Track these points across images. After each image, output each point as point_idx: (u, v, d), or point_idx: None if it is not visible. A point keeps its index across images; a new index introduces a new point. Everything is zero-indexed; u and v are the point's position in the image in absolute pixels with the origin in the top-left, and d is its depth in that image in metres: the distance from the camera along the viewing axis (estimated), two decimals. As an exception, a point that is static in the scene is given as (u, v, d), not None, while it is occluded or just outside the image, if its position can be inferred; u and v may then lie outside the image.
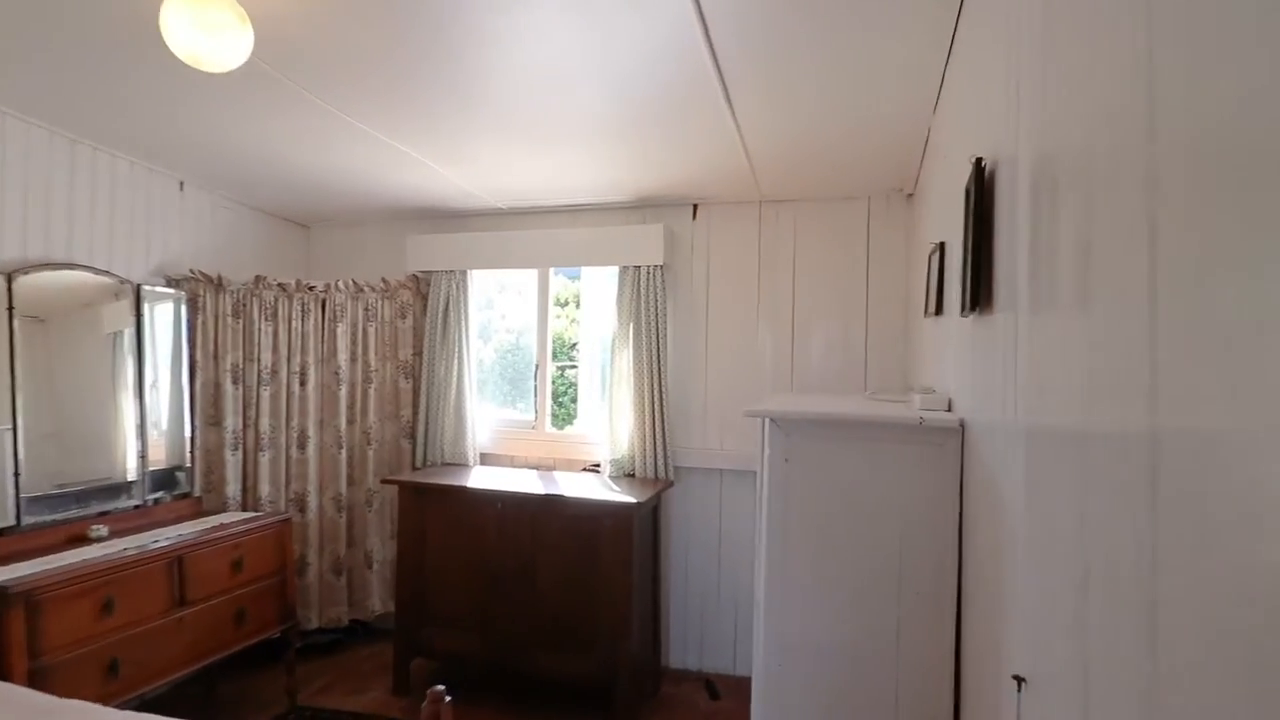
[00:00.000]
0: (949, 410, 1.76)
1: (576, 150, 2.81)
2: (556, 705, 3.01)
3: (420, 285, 3.75)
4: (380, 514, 3.64)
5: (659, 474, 3.25)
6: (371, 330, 3.64)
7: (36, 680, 2.12)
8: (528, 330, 3.86)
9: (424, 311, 3.73)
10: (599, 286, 3.80)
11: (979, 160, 1.30)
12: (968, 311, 1.39)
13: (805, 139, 2.63)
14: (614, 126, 2.57)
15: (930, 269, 2.18)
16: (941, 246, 1.99)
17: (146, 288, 3.03)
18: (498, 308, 4.04)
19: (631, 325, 3.32)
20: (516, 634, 2.92)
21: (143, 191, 3.11)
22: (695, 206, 3.44)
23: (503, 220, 3.73)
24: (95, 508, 2.77)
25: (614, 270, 3.44)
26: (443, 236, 3.66)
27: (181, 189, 3.31)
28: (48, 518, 2.60)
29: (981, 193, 1.29)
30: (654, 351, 3.27)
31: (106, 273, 2.89)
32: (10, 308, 2.52)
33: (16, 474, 2.51)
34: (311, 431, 3.48)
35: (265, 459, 3.35)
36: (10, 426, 2.50)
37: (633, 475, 3.30)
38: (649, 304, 3.29)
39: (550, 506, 2.90)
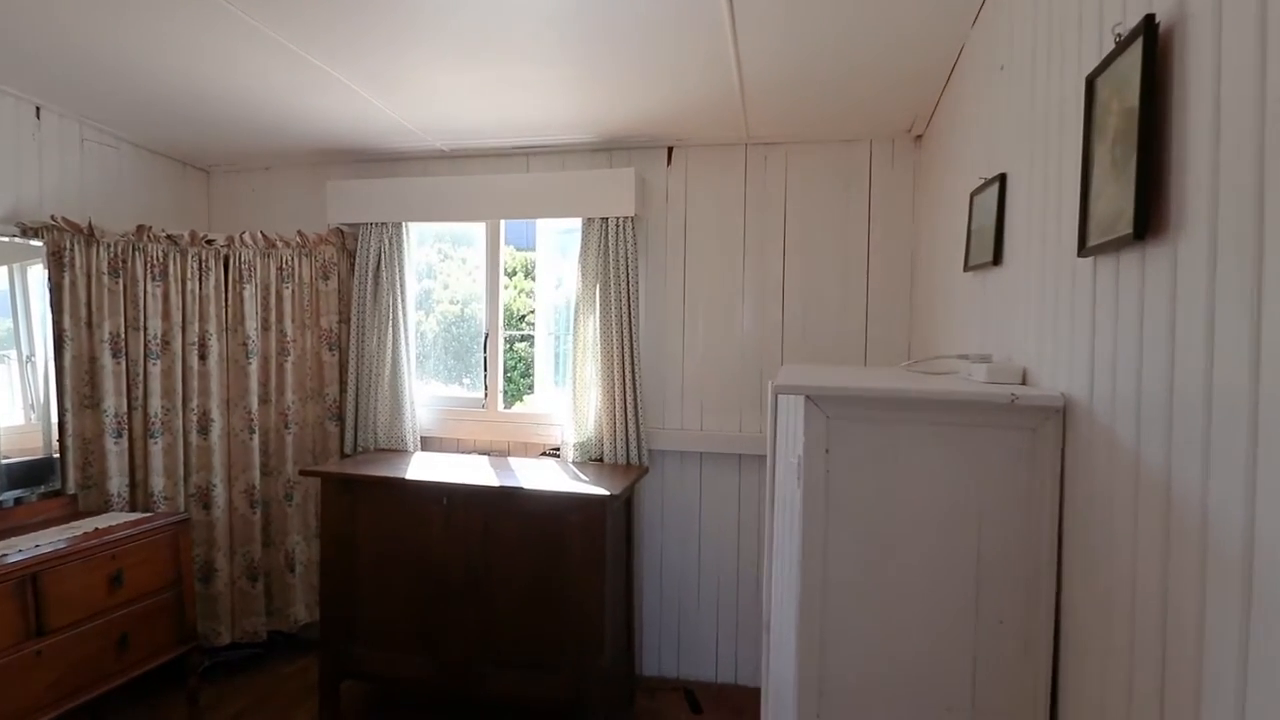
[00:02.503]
0: (1023, 383, 1.38)
1: (533, 72, 2.31)
2: (515, 728, 2.59)
3: (346, 240, 3.19)
4: (303, 509, 3.11)
5: (631, 459, 2.82)
6: (288, 293, 3.07)
7: None
8: (473, 300, 3.35)
9: (351, 271, 3.18)
10: (556, 244, 3.31)
11: (1150, 20, 0.89)
12: (1101, 248, 0.99)
13: (814, 64, 2.19)
14: (580, 41, 2.08)
15: (976, 212, 1.79)
16: (1002, 180, 1.59)
17: (-7, 237, 2.40)
18: (439, 276, 3.50)
19: (598, 287, 2.86)
20: (467, 652, 2.47)
21: (-17, 116, 2.47)
22: (670, 150, 2.97)
23: (444, 165, 3.19)
24: (-73, 513, 2.19)
25: (570, 225, 2.95)
26: (372, 182, 3.11)
27: (38, 116, 2.66)
28: None
29: (1153, 67, 0.89)
30: (624, 317, 2.82)
31: (-71, 215, 2.26)
32: None
33: None
34: (215, 414, 2.91)
35: (157, 447, 2.78)
36: None
37: (600, 460, 2.87)
38: (618, 262, 2.83)
39: (507, 501, 2.44)
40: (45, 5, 1.95)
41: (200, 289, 2.91)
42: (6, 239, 2.47)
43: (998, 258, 1.61)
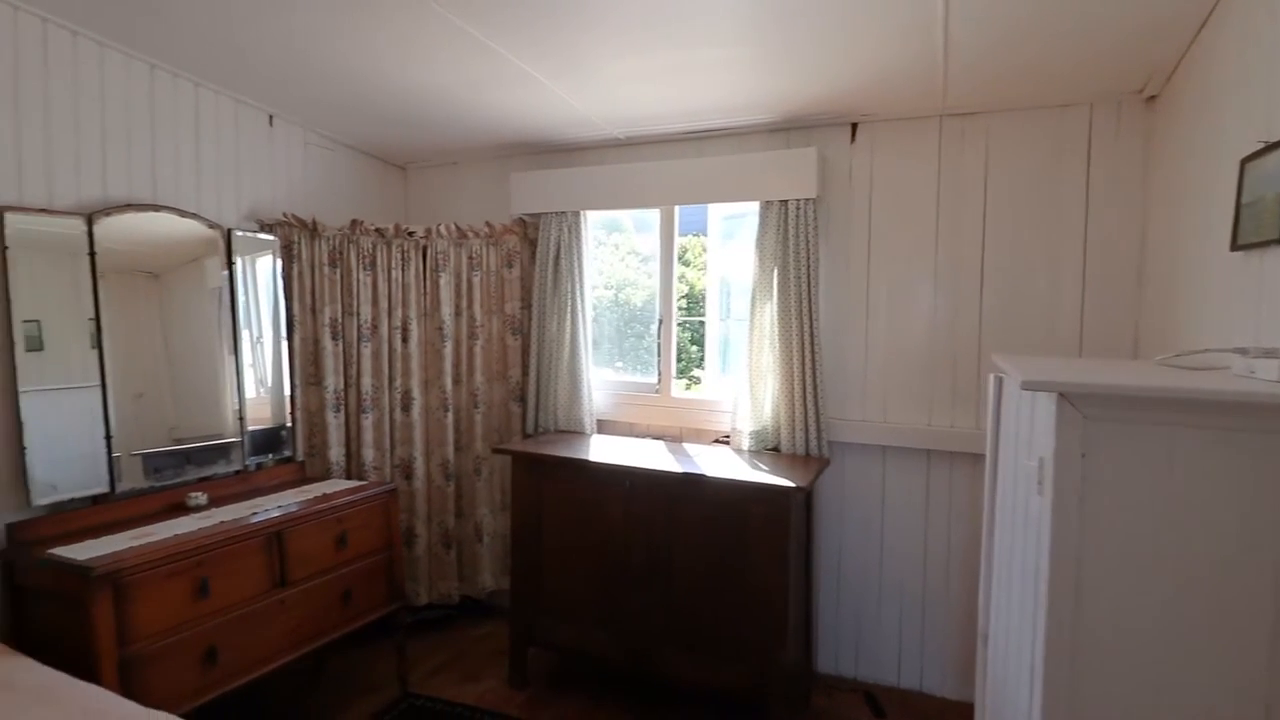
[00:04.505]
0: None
1: (713, 54, 2.28)
2: (695, 717, 2.61)
3: (528, 230, 3.32)
4: (489, 483, 3.31)
5: (810, 449, 2.73)
6: (477, 280, 3.26)
7: (127, 671, 1.88)
8: (627, 285, 3.39)
9: (532, 259, 3.31)
10: (721, 229, 3.26)
11: None
12: None
13: (1036, 21, 1.98)
14: (768, 19, 2.02)
15: (1251, 182, 1.53)
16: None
17: (239, 233, 2.73)
18: (594, 262, 3.56)
19: (776, 272, 2.78)
20: (648, 632, 2.52)
21: (229, 127, 2.80)
22: (854, 126, 2.82)
23: (620, 152, 3.23)
24: (194, 473, 2.54)
25: (735, 210, 2.88)
26: (551, 173, 3.21)
27: (271, 124, 2.98)
28: (144, 485, 2.38)
29: None
30: (804, 303, 2.73)
31: (195, 215, 2.60)
32: (92, 253, 2.25)
33: (108, 436, 2.28)
34: (416, 392, 3.16)
35: (368, 421, 3.06)
36: (99, 384, 2.27)
37: (777, 450, 2.80)
38: (798, 246, 2.73)
39: (689, 487, 2.45)
40: (281, 24, 2.17)
41: (403, 277, 3.16)
42: (249, 235, 2.79)
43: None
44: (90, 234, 2.25)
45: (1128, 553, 1.15)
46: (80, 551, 1.95)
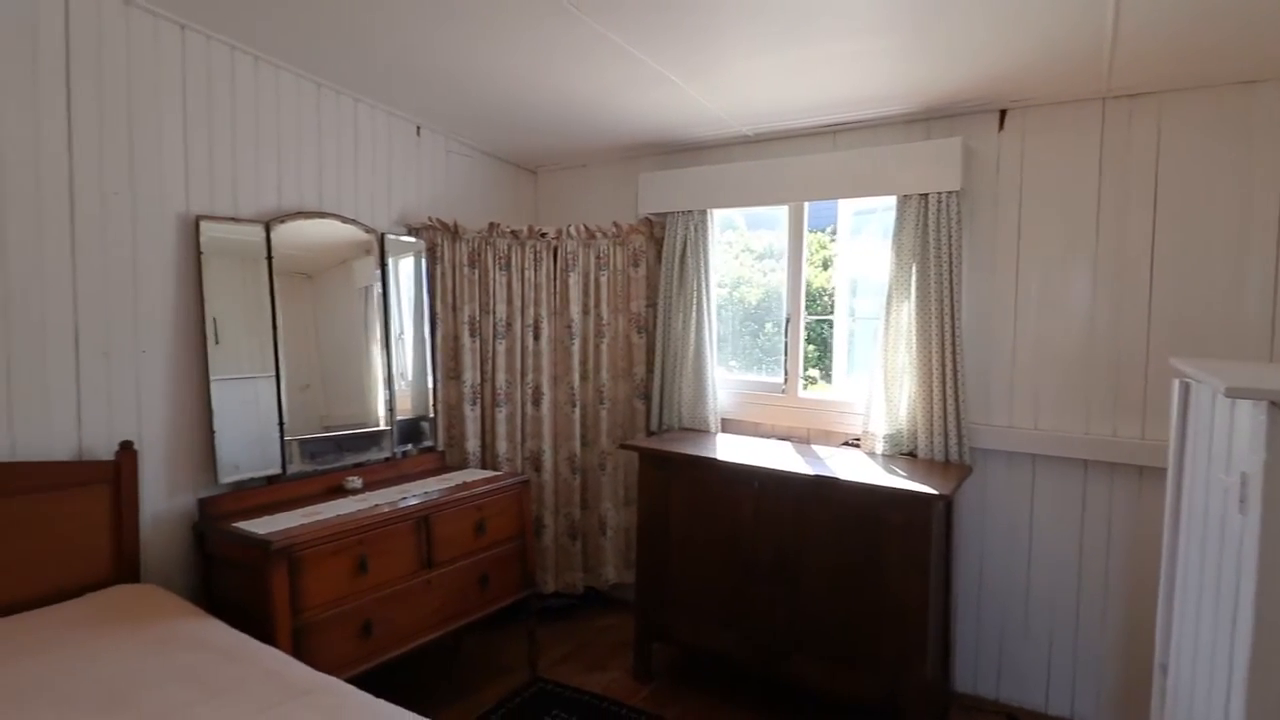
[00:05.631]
0: None
1: (849, 45, 2.22)
2: (819, 720, 2.56)
3: (654, 229, 3.36)
4: (613, 478, 3.37)
5: (950, 455, 2.60)
6: (604, 280, 3.33)
7: (298, 638, 2.06)
8: (742, 283, 3.37)
9: (658, 259, 3.35)
10: (855, 224, 3.16)
11: None
12: None
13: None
14: (902, 5, 1.93)
15: None
16: None
17: (390, 237, 2.93)
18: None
19: (915, 269, 2.66)
20: (774, 634, 2.49)
21: (383, 138, 3.01)
22: (1003, 113, 2.65)
23: (748, 149, 3.20)
24: (350, 459, 2.75)
25: (866, 206, 2.78)
26: (679, 172, 3.23)
27: (418, 134, 3.18)
28: (309, 468, 2.60)
29: None
30: (945, 301, 2.59)
31: (354, 221, 2.81)
32: (269, 257, 2.49)
33: (281, 423, 2.51)
34: (546, 388, 3.28)
35: (502, 415, 3.20)
36: (273, 375, 2.50)
37: (913, 455, 2.69)
38: (939, 241, 2.60)
39: (820, 490, 2.39)
40: (427, 40, 2.30)
41: (535, 277, 3.28)
42: (398, 238, 2.99)
43: None
44: (268, 239, 2.48)
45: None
46: (259, 526, 2.16)
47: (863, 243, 3.17)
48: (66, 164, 2.02)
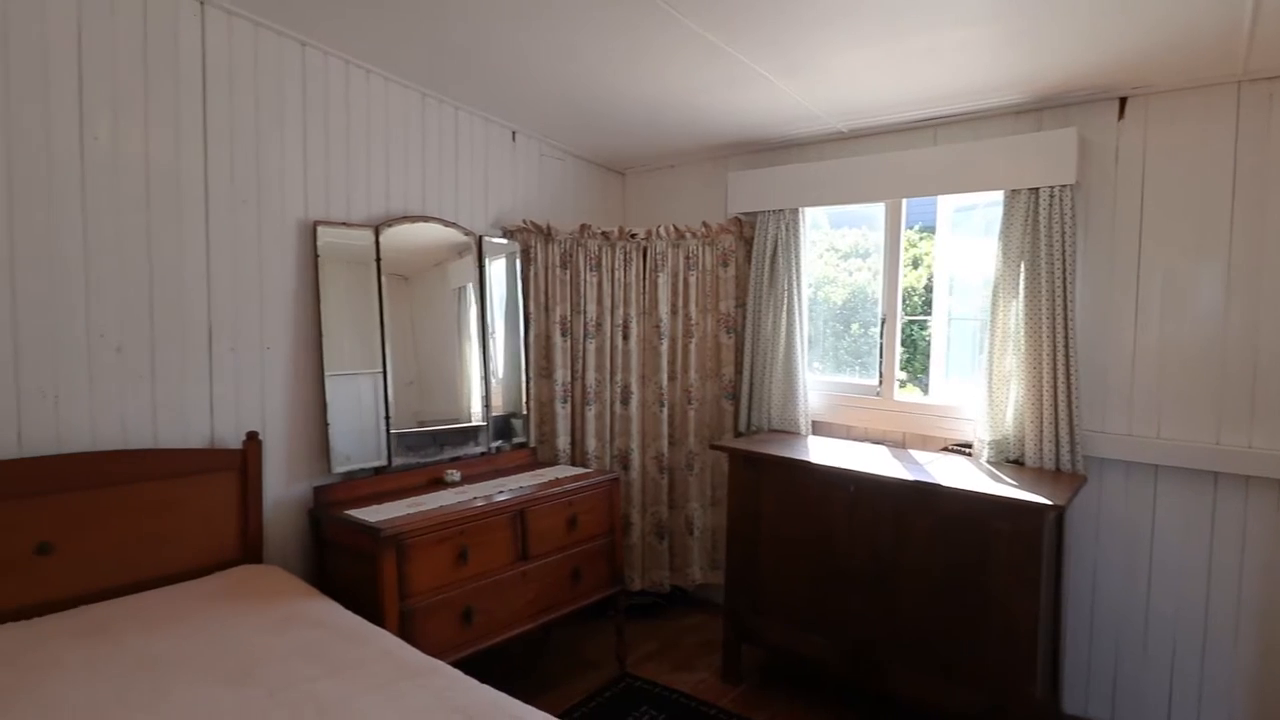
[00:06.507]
0: None
1: (953, 35, 2.14)
2: (915, 733, 2.48)
3: (743, 229, 3.33)
4: (700, 478, 3.37)
5: (1062, 464, 2.47)
6: (693, 280, 3.34)
7: (404, 622, 2.16)
8: (826, 283, 3.30)
9: (748, 258, 3.32)
10: (955, 221, 3.03)
11: None
12: None
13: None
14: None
15: None
16: None
17: (487, 239, 3.03)
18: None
19: (1023, 267, 2.54)
20: (868, 641, 2.43)
21: (481, 144, 3.11)
22: (1123, 100, 2.49)
23: (842, 146, 3.13)
24: (449, 453, 2.86)
25: (965, 202, 2.66)
26: (770, 170, 3.19)
27: (514, 139, 3.27)
28: (411, 460, 2.72)
29: None
30: (1057, 302, 2.46)
31: (454, 224, 2.92)
32: (378, 259, 2.61)
33: (387, 417, 2.64)
34: (634, 387, 3.31)
35: (591, 413, 3.25)
36: (381, 371, 2.62)
37: (1020, 462, 2.56)
38: (1051, 238, 2.47)
39: (920, 496, 2.31)
40: (524, 50, 2.37)
41: (624, 277, 3.31)
42: (495, 240, 3.08)
43: None
44: (377, 243, 2.61)
45: None
46: (369, 514, 2.28)
47: (960, 240, 3.04)
48: (202, 176, 2.19)
